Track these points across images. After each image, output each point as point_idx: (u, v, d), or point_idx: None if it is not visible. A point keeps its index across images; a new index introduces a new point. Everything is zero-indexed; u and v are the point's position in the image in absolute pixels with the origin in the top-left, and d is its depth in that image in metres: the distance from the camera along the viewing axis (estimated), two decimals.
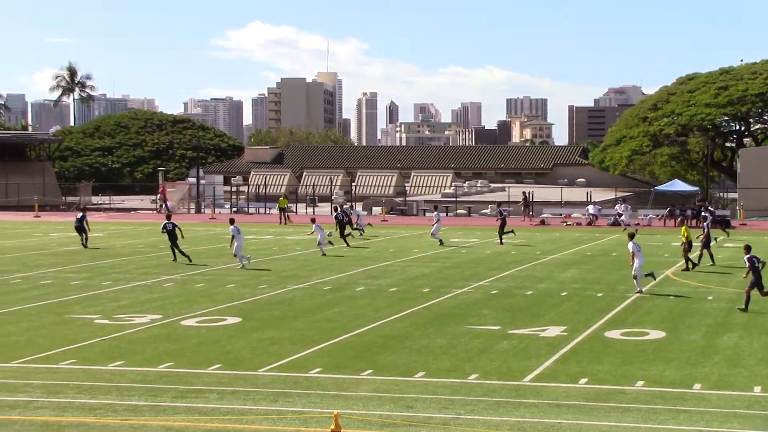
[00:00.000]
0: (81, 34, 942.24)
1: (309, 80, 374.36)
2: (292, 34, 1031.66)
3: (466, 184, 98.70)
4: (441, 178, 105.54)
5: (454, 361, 21.45)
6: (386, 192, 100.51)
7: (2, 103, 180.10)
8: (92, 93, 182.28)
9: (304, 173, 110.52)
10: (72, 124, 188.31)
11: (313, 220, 48.21)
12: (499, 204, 63.21)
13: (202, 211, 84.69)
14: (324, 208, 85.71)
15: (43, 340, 23.78)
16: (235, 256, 40.35)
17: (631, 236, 33.12)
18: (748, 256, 28.78)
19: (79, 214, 49.86)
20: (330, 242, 47.48)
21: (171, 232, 42.13)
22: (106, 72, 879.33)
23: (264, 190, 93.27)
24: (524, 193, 77.44)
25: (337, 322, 26.74)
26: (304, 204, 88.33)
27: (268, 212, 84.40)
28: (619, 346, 23.13)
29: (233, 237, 40.02)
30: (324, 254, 45.12)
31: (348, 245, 49.47)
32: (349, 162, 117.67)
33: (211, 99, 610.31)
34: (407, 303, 30.10)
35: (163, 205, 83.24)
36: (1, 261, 42.36)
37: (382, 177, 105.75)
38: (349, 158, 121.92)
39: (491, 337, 24.33)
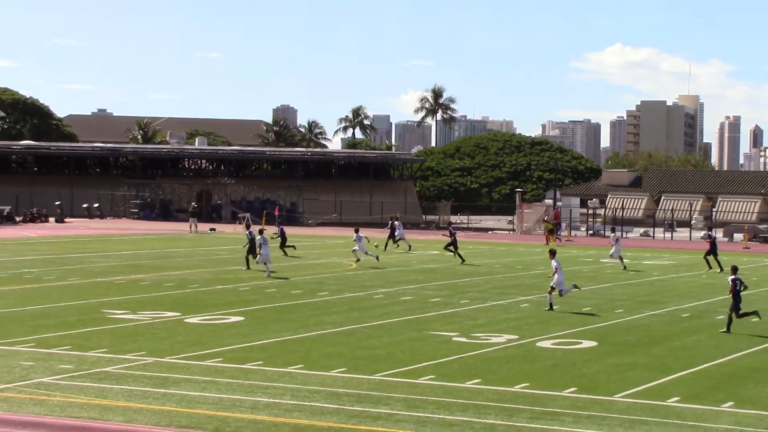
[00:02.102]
0: (444, 57, 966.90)
1: (669, 103, 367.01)
2: (652, 56, 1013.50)
3: None
4: None
5: None
6: (749, 219, 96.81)
7: (369, 123, 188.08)
8: (454, 115, 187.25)
9: (663, 197, 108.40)
10: (433, 144, 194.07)
11: (356, 230, 50.89)
12: (710, 228, 61.04)
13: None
14: (683, 233, 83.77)
15: (404, 355, 24.55)
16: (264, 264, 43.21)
17: (553, 254, 34.43)
18: (732, 277, 29.29)
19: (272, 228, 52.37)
20: (377, 258, 50.07)
21: (252, 242, 45.29)
22: (467, 94, 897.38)
23: (621, 214, 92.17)
24: None
25: (696, 350, 26.07)
26: (662, 229, 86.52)
27: (624, 236, 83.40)
28: None
29: (260, 246, 43.36)
30: (358, 260, 49.41)
31: (463, 260, 51.32)
32: (710, 187, 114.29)
33: (569, 121, 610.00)
34: None
35: (559, 228, 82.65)
36: (365, 276, 44.11)
37: (745, 203, 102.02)
38: (710, 183, 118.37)
39: None
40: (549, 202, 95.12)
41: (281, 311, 32.31)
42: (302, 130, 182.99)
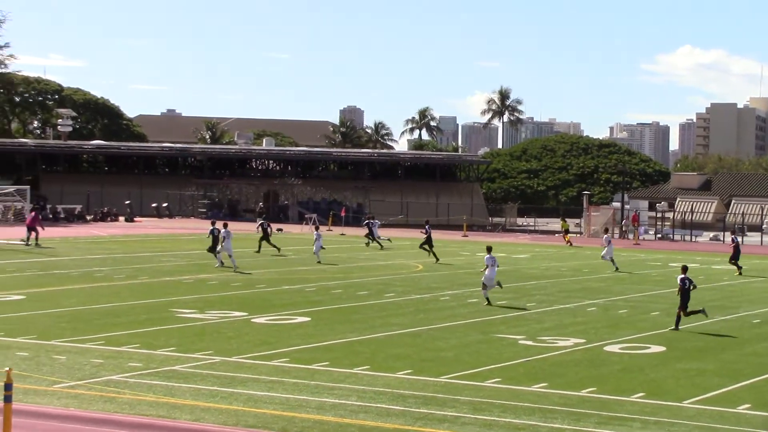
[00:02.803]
0: (510, 59, 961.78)
1: (740, 105, 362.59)
2: (723, 58, 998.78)
3: None
4: None
5: None
6: None
7: (436, 125, 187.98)
8: (520, 117, 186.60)
9: (733, 201, 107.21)
10: (500, 146, 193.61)
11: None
12: (733, 231, 61.71)
13: (626, 236, 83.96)
14: (753, 238, 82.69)
15: (470, 358, 24.50)
16: (217, 254, 46.35)
17: (489, 249, 36.35)
18: (681, 276, 30.08)
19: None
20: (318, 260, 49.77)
21: (215, 238, 47.60)
22: (534, 95, 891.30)
23: (690, 218, 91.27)
24: None
25: (767, 357, 25.72)
26: (731, 232, 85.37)
27: (693, 240, 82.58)
28: None
29: (224, 238, 45.49)
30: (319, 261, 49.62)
31: (437, 259, 52.18)
32: None
33: (638, 123, 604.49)
34: None
35: (636, 231, 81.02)
36: (431, 278, 44.08)
37: None
38: None
39: None
40: (616, 205, 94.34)
41: (347, 312, 32.40)
42: (369, 131, 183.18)
